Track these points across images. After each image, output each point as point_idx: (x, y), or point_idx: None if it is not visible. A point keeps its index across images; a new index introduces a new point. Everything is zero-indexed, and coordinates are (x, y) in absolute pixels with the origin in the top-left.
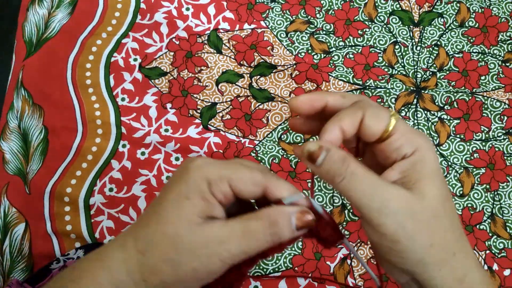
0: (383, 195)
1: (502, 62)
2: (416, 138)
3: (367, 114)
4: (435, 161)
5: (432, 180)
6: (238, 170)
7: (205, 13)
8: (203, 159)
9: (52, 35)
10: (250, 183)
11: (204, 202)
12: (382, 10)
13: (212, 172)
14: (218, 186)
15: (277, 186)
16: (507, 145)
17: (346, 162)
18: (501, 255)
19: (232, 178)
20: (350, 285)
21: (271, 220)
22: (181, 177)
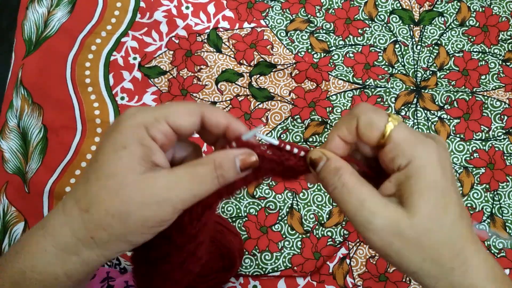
0: (370, 210)
1: (503, 61)
2: (412, 147)
3: (360, 122)
4: (432, 173)
5: (426, 195)
6: (172, 106)
7: (204, 12)
8: (135, 107)
9: (51, 33)
10: (186, 113)
11: (143, 148)
12: (383, 9)
13: (147, 116)
14: (156, 127)
15: (213, 112)
16: (507, 145)
17: (339, 173)
18: (501, 255)
19: (168, 115)
20: (349, 284)
21: (216, 164)
22: (114, 129)
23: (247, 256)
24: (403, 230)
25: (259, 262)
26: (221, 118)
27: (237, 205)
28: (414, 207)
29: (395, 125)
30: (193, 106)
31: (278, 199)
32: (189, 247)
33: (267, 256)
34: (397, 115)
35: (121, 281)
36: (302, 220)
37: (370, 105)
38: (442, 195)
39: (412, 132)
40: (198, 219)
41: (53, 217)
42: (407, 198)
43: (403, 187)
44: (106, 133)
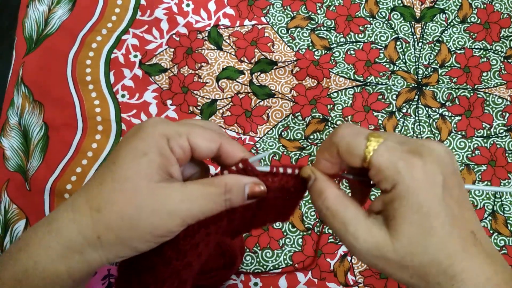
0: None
1: (504, 58)
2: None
3: (340, 149)
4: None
5: (408, 219)
6: (195, 127)
7: (205, 9)
8: (158, 118)
9: (52, 31)
10: (207, 139)
11: (162, 158)
12: (384, 6)
13: (170, 128)
14: (176, 141)
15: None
16: (508, 142)
17: (322, 196)
18: (502, 252)
19: (190, 133)
20: (350, 282)
21: (227, 188)
22: (136, 135)
23: (248, 254)
24: (385, 253)
25: (260, 259)
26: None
27: None
28: (397, 231)
29: (374, 149)
30: (215, 136)
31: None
32: (175, 264)
33: (268, 253)
34: (379, 134)
35: None
36: (303, 218)
37: (351, 128)
38: (426, 218)
39: (394, 153)
40: (192, 235)
41: (60, 214)
42: (391, 221)
43: (389, 209)
44: (126, 137)
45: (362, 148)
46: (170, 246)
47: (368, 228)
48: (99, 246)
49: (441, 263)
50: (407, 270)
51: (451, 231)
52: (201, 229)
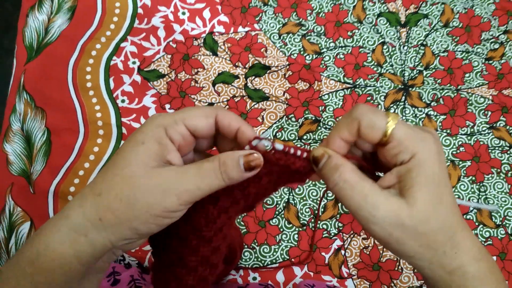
0: (372, 204)
1: (486, 59)
2: (414, 143)
3: (362, 123)
4: (432, 166)
5: (425, 186)
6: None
7: (200, 17)
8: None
9: (52, 40)
10: (202, 115)
11: (159, 146)
12: (370, 12)
13: (167, 118)
14: (174, 128)
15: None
16: (491, 139)
17: (340, 170)
18: (488, 243)
19: (185, 117)
20: (344, 274)
21: (221, 161)
22: (137, 130)
23: (247, 250)
24: (403, 220)
25: (258, 255)
26: (233, 120)
27: None
28: (414, 198)
29: (395, 124)
30: (208, 109)
31: (275, 194)
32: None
33: (266, 249)
34: (395, 113)
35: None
36: (299, 214)
37: (368, 106)
38: (438, 186)
39: (411, 128)
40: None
41: (71, 203)
42: (408, 190)
43: (404, 179)
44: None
45: (384, 123)
46: (194, 235)
47: (386, 197)
48: (101, 228)
49: (447, 230)
50: (419, 238)
51: (453, 202)
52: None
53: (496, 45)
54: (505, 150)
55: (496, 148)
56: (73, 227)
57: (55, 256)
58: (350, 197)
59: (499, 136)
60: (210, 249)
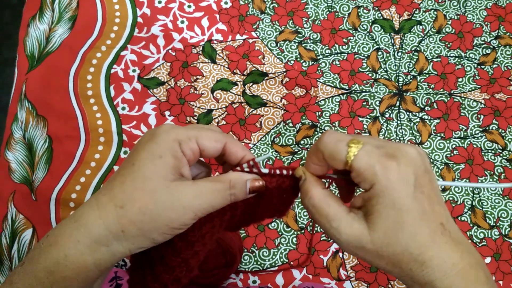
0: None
1: (478, 64)
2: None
3: (324, 155)
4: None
5: (384, 214)
6: (203, 130)
7: (199, 26)
8: (167, 124)
9: (53, 49)
10: (213, 140)
11: (175, 160)
12: (365, 19)
13: (182, 133)
14: (187, 144)
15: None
16: (484, 142)
17: (309, 195)
18: (482, 244)
19: (198, 137)
20: (342, 276)
21: (231, 184)
22: (151, 140)
23: (246, 253)
24: (364, 245)
25: (257, 258)
26: (239, 150)
27: None
28: (374, 224)
29: (355, 155)
30: (220, 136)
31: None
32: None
33: (265, 252)
34: (358, 140)
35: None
36: (297, 218)
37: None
38: (399, 214)
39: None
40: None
41: (87, 212)
42: (369, 216)
43: (367, 206)
44: (141, 142)
45: (344, 154)
46: (180, 238)
47: (349, 223)
48: (123, 239)
49: (411, 252)
50: (383, 259)
51: (421, 224)
52: (207, 223)
53: (488, 50)
54: (497, 153)
55: (489, 151)
56: (94, 238)
57: (75, 266)
58: (318, 220)
59: (492, 139)
60: (192, 252)
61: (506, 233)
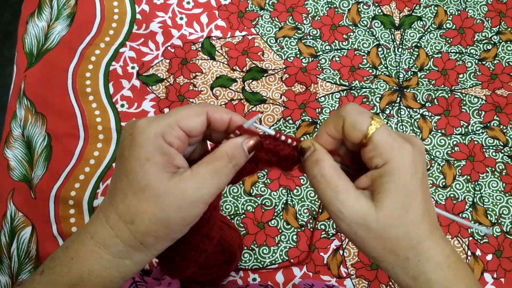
0: (341, 201)
1: (479, 60)
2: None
3: (346, 123)
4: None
5: (393, 194)
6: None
7: (198, 22)
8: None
9: (52, 46)
10: (194, 115)
11: (164, 156)
12: (365, 15)
13: (161, 125)
14: (171, 134)
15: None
16: (485, 138)
17: (320, 164)
18: (483, 241)
19: (178, 120)
20: (343, 274)
21: (229, 155)
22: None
23: (246, 251)
24: (368, 222)
25: (257, 256)
26: (223, 113)
27: (235, 203)
28: (381, 203)
29: (377, 128)
30: (199, 108)
31: (274, 196)
32: (203, 230)
33: (265, 250)
34: (380, 118)
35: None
36: (297, 215)
37: (357, 106)
38: (407, 196)
39: (391, 135)
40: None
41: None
42: (377, 194)
43: (376, 184)
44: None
45: (366, 125)
46: None
47: (356, 197)
48: (144, 249)
49: (412, 239)
50: (382, 242)
51: (424, 212)
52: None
53: (489, 46)
54: (499, 149)
55: (490, 147)
56: (115, 254)
57: (100, 280)
58: (324, 191)
59: (493, 136)
60: (209, 227)
61: (508, 230)
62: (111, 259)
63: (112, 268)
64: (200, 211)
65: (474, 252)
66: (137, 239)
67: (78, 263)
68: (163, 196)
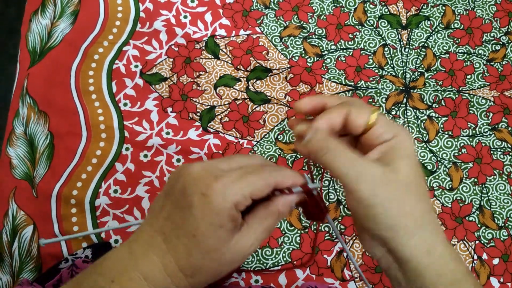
0: (361, 166)
1: (487, 61)
2: (395, 127)
3: (352, 110)
4: (411, 147)
5: (407, 161)
6: (252, 181)
7: (202, 21)
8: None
9: (55, 44)
10: (265, 187)
11: (233, 223)
12: (371, 14)
13: (235, 193)
14: (243, 204)
15: (284, 178)
16: (493, 140)
17: (329, 139)
18: (490, 245)
19: (252, 192)
20: (346, 276)
21: (280, 213)
22: (207, 207)
23: None
24: (389, 181)
25: (260, 257)
26: (287, 182)
27: None
28: (398, 167)
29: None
30: (272, 181)
31: None
32: None
33: (268, 251)
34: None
35: None
36: (300, 217)
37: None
38: (416, 164)
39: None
40: None
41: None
42: (391, 161)
43: (387, 155)
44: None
45: (369, 113)
46: None
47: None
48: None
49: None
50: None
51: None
52: None
53: (497, 46)
54: (507, 152)
55: (498, 150)
56: None
57: None
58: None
59: (501, 138)
60: None
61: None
62: None
63: None
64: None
65: (481, 256)
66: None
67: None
68: (225, 255)
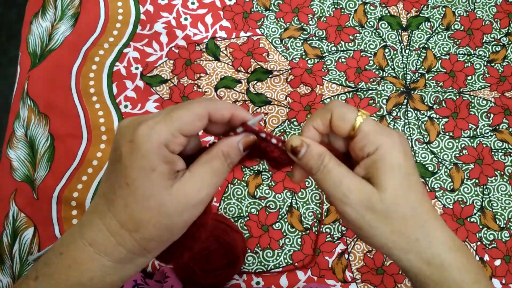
0: (347, 186)
1: (487, 62)
2: (379, 137)
3: (334, 115)
4: (396, 156)
5: (392, 174)
6: (180, 116)
7: (202, 23)
8: (142, 125)
9: (55, 46)
10: (196, 120)
11: (168, 165)
12: (372, 16)
13: (164, 132)
14: (174, 143)
15: (217, 109)
16: (494, 141)
17: (321, 157)
18: (492, 246)
19: (181, 127)
20: (348, 278)
21: (225, 154)
22: (135, 152)
23: (250, 254)
24: (374, 204)
25: (261, 259)
26: (224, 111)
27: (239, 205)
28: (382, 184)
29: (364, 119)
30: (200, 109)
31: (278, 198)
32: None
33: (269, 253)
34: (365, 111)
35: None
36: (302, 218)
37: (342, 102)
38: (405, 175)
39: (377, 124)
40: None
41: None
42: (376, 178)
43: (372, 170)
44: (122, 154)
45: (353, 117)
46: None
47: (359, 182)
48: (147, 253)
49: (419, 217)
50: (391, 223)
51: (423, 191)
52: None
53: (498, 47)
54: (508, 153)
55: (499, 151)
56: (118, 260)
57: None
58: (327, 179)
59: (502, 139)
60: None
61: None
62: (113, 266)
63: (113, 274)
64: (199, 210)
65: (482, 257)
66: (141, 246)
67: (77, 271)
68: (167, 204)
